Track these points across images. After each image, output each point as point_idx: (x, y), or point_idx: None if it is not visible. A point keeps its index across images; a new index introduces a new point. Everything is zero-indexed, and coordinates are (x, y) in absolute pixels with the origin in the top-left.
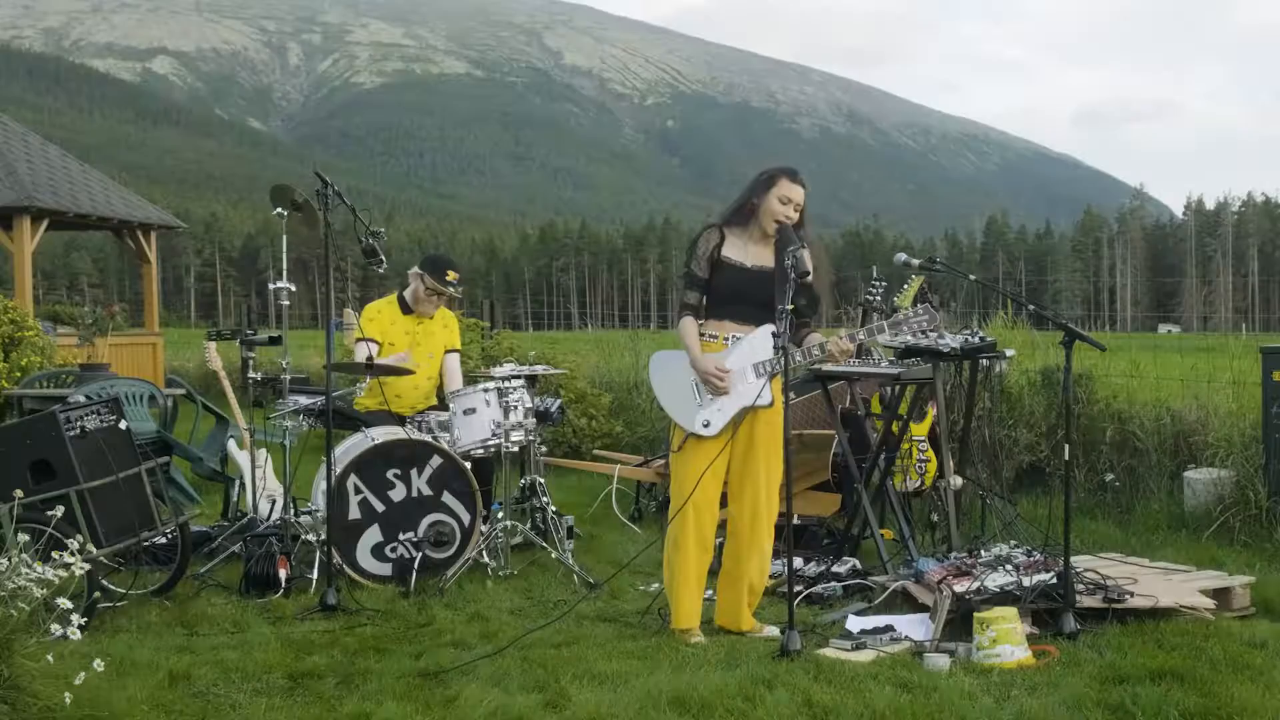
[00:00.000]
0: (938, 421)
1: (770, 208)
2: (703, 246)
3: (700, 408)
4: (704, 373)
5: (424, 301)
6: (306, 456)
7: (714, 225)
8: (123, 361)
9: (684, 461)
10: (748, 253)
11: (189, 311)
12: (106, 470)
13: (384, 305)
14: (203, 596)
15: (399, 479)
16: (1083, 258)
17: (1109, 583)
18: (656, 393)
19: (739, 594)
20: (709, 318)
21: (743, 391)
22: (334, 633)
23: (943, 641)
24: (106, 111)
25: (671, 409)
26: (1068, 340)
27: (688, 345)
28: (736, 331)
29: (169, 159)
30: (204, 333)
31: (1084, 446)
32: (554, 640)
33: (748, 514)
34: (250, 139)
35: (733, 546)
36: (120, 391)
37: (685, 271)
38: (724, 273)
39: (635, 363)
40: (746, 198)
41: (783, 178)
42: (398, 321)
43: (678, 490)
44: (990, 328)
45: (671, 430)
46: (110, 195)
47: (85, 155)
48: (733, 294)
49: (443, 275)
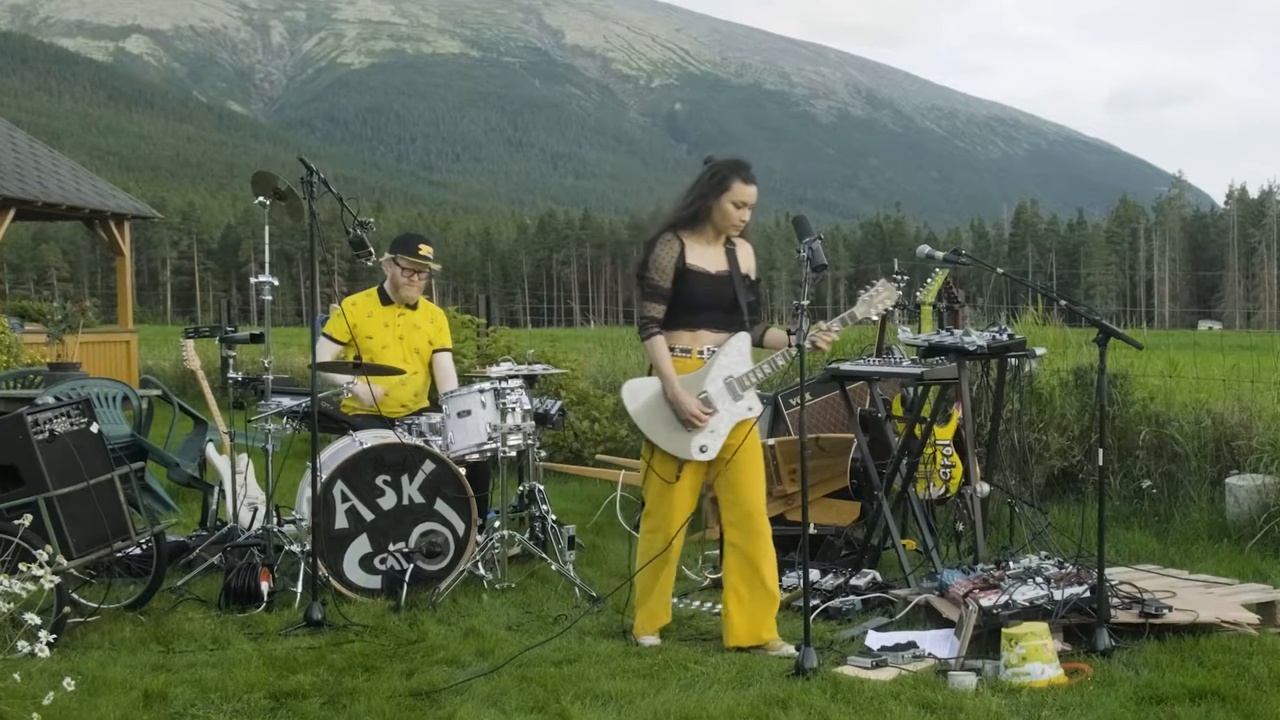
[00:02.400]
0: (963, 424)
1: (724, 211)
2: (664, 255)
3: (692, 433)
4: (688, 415)
5: (404, 286)
6: (290, 462)
7: (670, 230)
8: (94, 360)
9: (674, 486)
10: (709, 257)
11: (165, 307)
12: (77, 476)
13: (362, 298)
14: (180, 611)
15: (389, 486)
16: (1118, 250)
17: (1146, 596)
18: (639, 424)
19: (755, 605)
20: (678, 328)
21: (732, 408)
22: (319, 650)
23: (968, 659)
24: (77, 94)
25: (660, 439)
26: (1102, 338)
27: (664, 375)
28: (711, 343)
29: (144, 144)
30: (181, 330)
31: (1119, 451)
32: (554, 658)
33: (749, 518)
34: (230, 123)
35: (740, 557)
36: (92, 392)
37: (642, 280)
38: (692, 281)
39: (641, 361)
40: (696, 200)
41: (735, 180)
42: (376, 313)
43: (666, 512)
44: (1019, 324)
45: (645, 449)
46: (81, 183)
47: (54, 140)
48: (703, 303)
49: (414, 249)
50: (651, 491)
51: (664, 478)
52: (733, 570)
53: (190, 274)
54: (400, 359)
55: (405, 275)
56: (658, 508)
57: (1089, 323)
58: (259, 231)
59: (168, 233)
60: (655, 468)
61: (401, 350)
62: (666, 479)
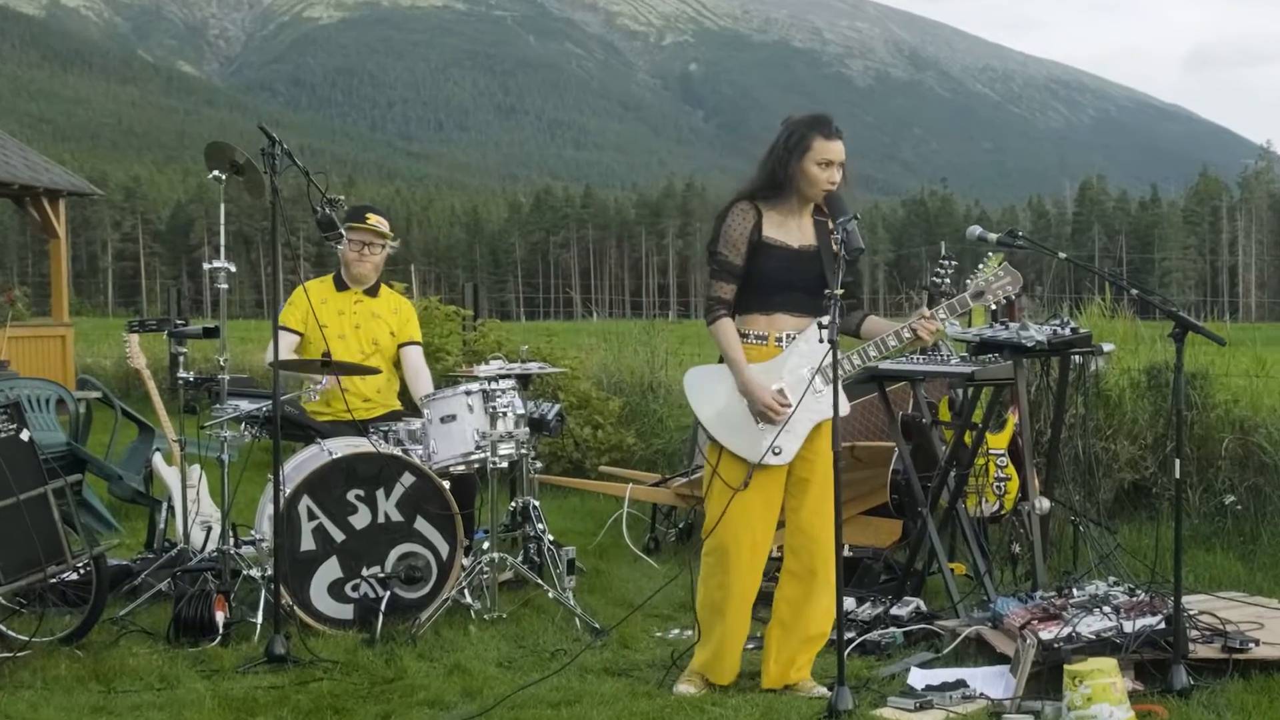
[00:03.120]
0: (1020, 431)
1: (809, 176)
2: (736, 226)
3: (764, 431)
4: (762, 406)
5: (354, 263)
6: (249, 474)
7: (745, 199)
8: (24, 358)
9: (742, 496)
10: (790, 230)
11: (106, 297)
12: (5, 491)
13: (316, 283)
14: (123, 645)
15: (362, 502)
16: (1197, 231)
17: (1229, 628)
18: (702, 420)
19: (795, 647)
20: (752, 312)
21: (813, 405)
22: (283, 689)
23: (1026, 699)
24: (5, 53)
25: (726, 438)
26: (1179, 332)
27: (733, 362)
28: (791, 328)
29: (81, 110)
30: (124, 323)
31: (1198, 462)
32: (551, 698)
33: (811, 544)
34: (181, 86)
35: (794, 590)
36: (22, 395)
37: (713, 257)
38: (768, 257)
39: (651, 360)
40: (776, 168)
41: (815, 137)
42: (330, 300)
43: (732, 529)
44: (1084, 317)
45: (710, 451)
46: (9, 154)
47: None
48: (781, 282)
49: (361, 218)
50: (713, 502)
51: (729, 484)
52: (783, 601)
53: (135, 259)
54: (357, 351)
55: (354, 249)
56: (721, 524)
57: (1164, 315)
58: (213, 210)
59: (109, 212)
60: (721, 473)
61: (358, 341)
62: (732, 485)
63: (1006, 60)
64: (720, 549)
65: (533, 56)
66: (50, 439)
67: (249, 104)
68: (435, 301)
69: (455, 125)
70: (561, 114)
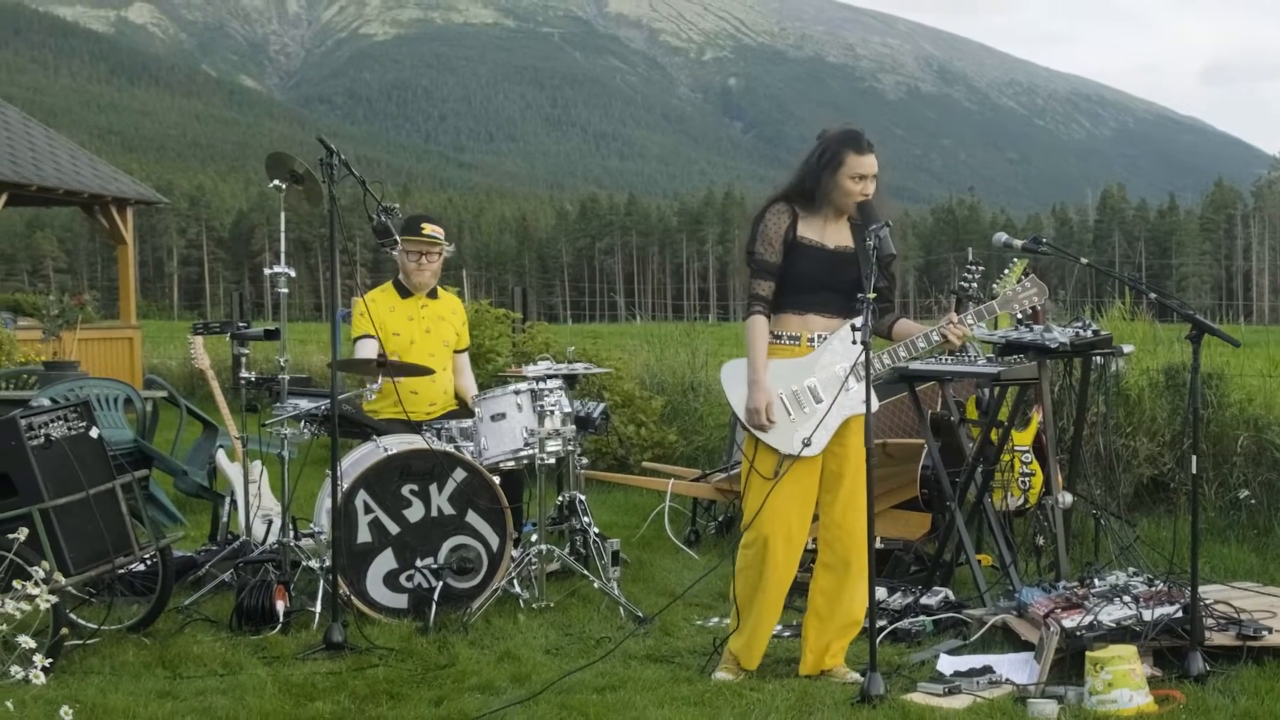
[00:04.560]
0: (1044, 429)
1: (843, 189)
2: (773, 226)
3: (797, 424)
4: (754, 405)
5: (414, 271)
6: (308, 470)
7: (781, 200)
8: (94, 359)
9: (776, 487)
10: (825, 232)
11: (171, 301)
12: (76, 486)
13: (378, 293)
14: (187, 633)
15: (416, 496)
16: (1213, 238)
17: (1243, 617)
18: (738, 411)
19: (830, 636)
20: (786, 312)
21: (843, 401)
22: (340, 675)
23: (1050, 685)
24: (75, 68)
25: (760, 429)
26: (1196, 334)
27: (750, 357)
28: (823, 329)
29: (148, 123)
30: (189, 325)
31: (1214, 458)
32: (597, 684)
33: (846, 536)
34: (242, 99)
35: (828, 581)
36: (91, 394)
37: (751, 256)
38: (803, 257)
39: (691, 360)
40: (809, 180)
41: (848, 153)
42: (397, 307)
43: (769, 519)
44: (1105, 320)
45: (747, 444)
46: (79, 165)
47: (50, 119)
48: (815, 282)
49: (417, 229)
50: (751, 495)
51: (763, 474)
52: (818, 593)
53: (199, 264)
54: (429, 353)
55: (413, 260)
56: (759, 517)
57: (1181, 317)
58: (274, 218)
59: (174, 219)
60: (757, 465)
61: (430, 344)
62: (765, 476)
63: (1031, 75)
64: (759, 541)
65: (579, 71)
66: (119, 436)
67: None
68: (486, 305)
69: (505, 137)
70: (607, 126)
